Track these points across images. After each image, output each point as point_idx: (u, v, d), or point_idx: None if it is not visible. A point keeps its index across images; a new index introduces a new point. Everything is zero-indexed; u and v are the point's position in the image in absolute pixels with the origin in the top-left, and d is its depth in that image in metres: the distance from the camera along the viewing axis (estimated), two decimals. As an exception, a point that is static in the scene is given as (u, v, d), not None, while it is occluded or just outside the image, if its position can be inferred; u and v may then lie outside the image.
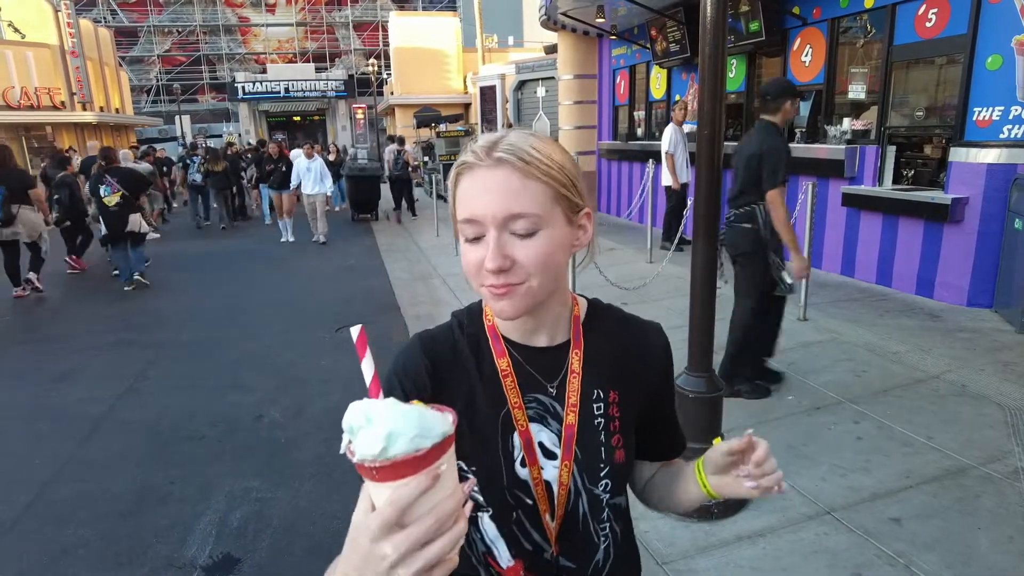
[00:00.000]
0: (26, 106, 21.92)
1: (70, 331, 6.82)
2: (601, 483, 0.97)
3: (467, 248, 0.89)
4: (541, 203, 0.86)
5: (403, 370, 0.98)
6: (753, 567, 2.54)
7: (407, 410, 0.61)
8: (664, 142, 7.75)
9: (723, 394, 2.94)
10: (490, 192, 0.86)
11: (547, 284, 0.89)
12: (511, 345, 0.99)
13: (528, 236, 0.86)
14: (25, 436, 4.23)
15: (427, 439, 0.60)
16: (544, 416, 0.97)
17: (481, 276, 0.88)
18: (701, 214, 2.75)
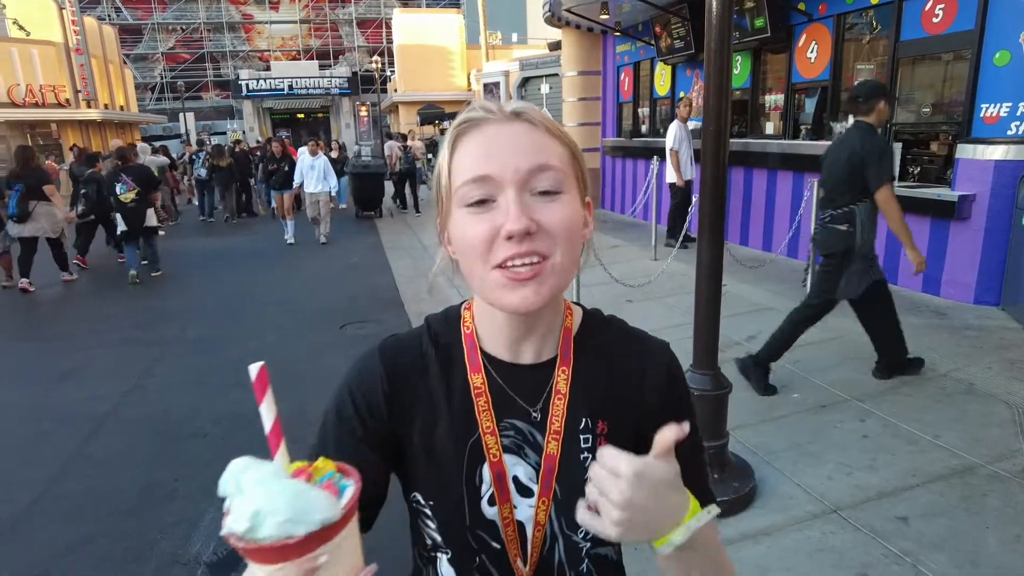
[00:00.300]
0: (31, 104, 21.97)
1: (74, 329, 6.84)
2: (581, 529, 0.82)
3: (470, 220, 0.73)
4: (564, 163, 0.75)
5: (356, 383, 0.84)
6: (759, 565, 2.53)
7: (282, 487, 0.53)
8: (669, 139, 7.72)
9: (728, 391, 2.92)
10: (509, 145, 0.72)
11: (568, 267, 0.75)
12: (488, 360, 0.83)
13: (552, 197, 0.73)
14: (30, 433, 4.24)
15: (300, 525, 0.51)
16: (521, 447, 0.82)
17: (494, 252, 0.71)
18: (706, 211, 2.73)
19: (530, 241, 0.70)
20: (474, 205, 0.72)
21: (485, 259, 0.72)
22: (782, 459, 3.24)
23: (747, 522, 2.79)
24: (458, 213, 0.74)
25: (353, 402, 0.82)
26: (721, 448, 2.93)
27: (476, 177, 0.72)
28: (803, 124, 7.02)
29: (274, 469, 0.56)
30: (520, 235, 0.69)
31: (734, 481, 2.91)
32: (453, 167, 0.74)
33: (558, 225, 0.72)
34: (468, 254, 0.74)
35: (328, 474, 0.60)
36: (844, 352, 4.50)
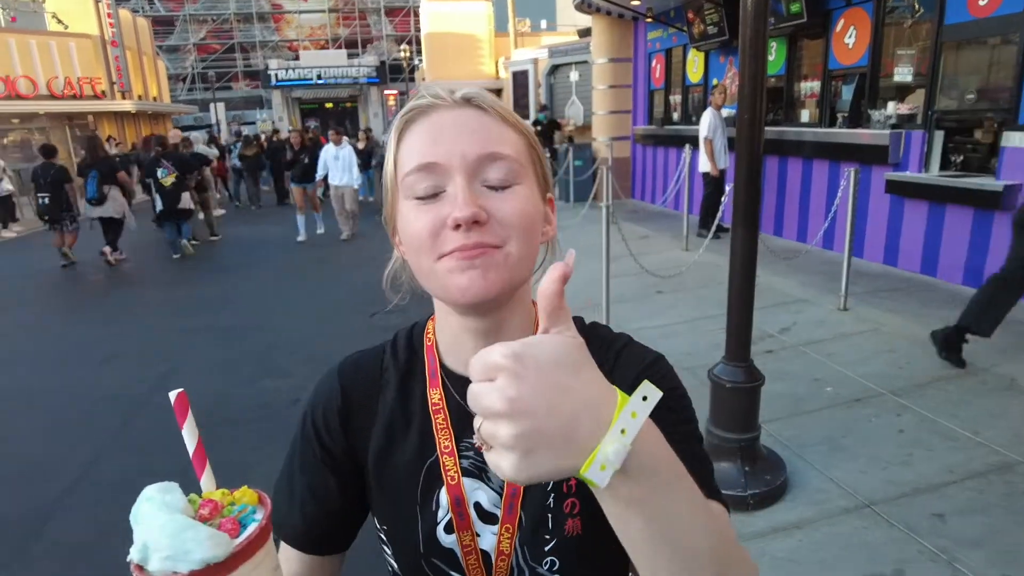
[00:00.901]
0: (69, 95, 22.47)
1: (114, 312, 7.02)
2: (545, 561, 0.73)
3: (415, 212, 0.67)
4: (519, 152, 0.69)
5: (315, 402, 0.82)
6: (790, 559, 2.50)
7: (165, 523, 0.51)
8: (703, 127, 7.60)
9: (761, 384, 2.89)
10: (457, 130, 0.67)
11: (525, 260, 0.68)
12: (448, 374, 0.77)
13: (504, 188, 0.66)
14: (71, 417, 4.37)
15: (181, 563, 0.50)
16: (483, 469, 0.75)
17: (440, 242, 0.65)
18: (741, 200, 2.69)
19: (479, 232, 0.64)
20: (422, 198, 0.67)
21: (430, 251, 0.66)
22: (814, 453, 3.19)
23: (779, 515, 2.76)
24: (405, 206, 0.69)
25: (313, 423, 0.80)
26: (753, 441, 2.90)
27: (421, 165, 0.66)
28: (840, 112, 6.86)
29: (169, 501, 0.54)
30: (468, 223, 0.63)
31: (766, 474, 2.88)
32: (399, 157, 0.69)
33: (512, 215, 0.66)
34: (414, 248, 0.68)
35: (241, 506, 0.57)
36: (879, 345, 4.41)
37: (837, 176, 6.63)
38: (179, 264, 9.32)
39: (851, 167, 5.15)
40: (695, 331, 4.90)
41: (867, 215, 6.39)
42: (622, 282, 5.73)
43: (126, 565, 0.55)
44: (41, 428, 4.21)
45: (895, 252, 6.23)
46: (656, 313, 5.35)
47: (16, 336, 6.49)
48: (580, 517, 0.73)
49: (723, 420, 2.88)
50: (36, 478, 3.53)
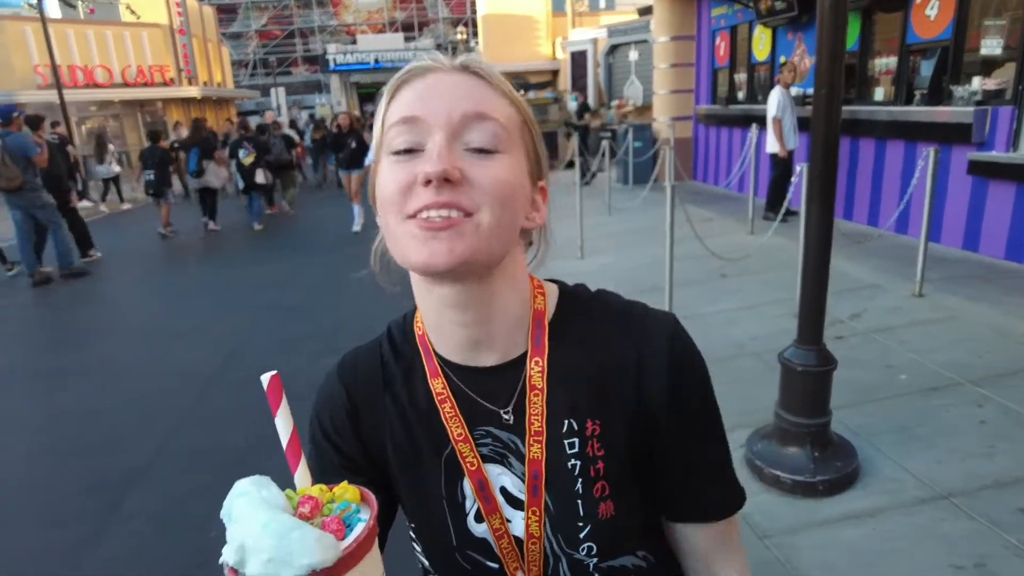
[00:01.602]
0: (140, 83, 23.43)
1: (187, 289, 7.35)
2: (583, 547, 0.71)
3: (391, 168, 0.64)
4: (510, 125, 0.66)
5: (321, 407, 0.79)
6: (861, 548, 2.44)
7: (268, 522, 0.47)
8: (771, 106, 7.35)
9: (833, 368, 2.81)
10: (447, 91, 0.64)
11: (498, 232, 0.63)
12: (444, 362, 0.74)
13: (487, 154, 0.63)
14: (150, 390, 4.61)
15: (285, 568, 0.46)
16: (504, 455, 0.72)
17: (409, 202, 0.62)
18: (817, 178, 2.60)
19: (451, 190, 0.60)
20: (400, 153, 0.63)
21: (399, 209, 0.62)
22: (886, 441, 3.09)
23: (849, 503, 2.69)
24: (384, 164, 0.65)
25: (322, 428, 0.77)
26: (823, 426, 2.83)
27: (404, 118, 0.63)
28: (918, 89, 6.52)
29: (268, 497, 0.49)
30: (439, 179, 0.59)
31: (836, 460, 2.81)
32: (387, 116, 0.66)
33: (488, 182, 0.62)
34: (384, 206, 0.64)
35: (343, 504, 0.53)
36: (958, 333, 4.21)
37: (913, 157, 6.32)
38: (254, 239, 10.13)
39: (930, 147, 4.90)
40: (761, 316, 4.79)
41: (946, 197, 6.08)
42: (684, 265, 5.62)
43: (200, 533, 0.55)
44: (124, 401, 4.46)
45: (976, 236, 5.91)
46: (720, 297, 5.25)
47: (104, 310, 6.87)
48: (612, 499, 0.71)
49: (793, 404, 2.82)
50: (119, 449, 3.75)
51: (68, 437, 3.96)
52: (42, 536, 2.98)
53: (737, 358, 4.12)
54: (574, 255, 6.97)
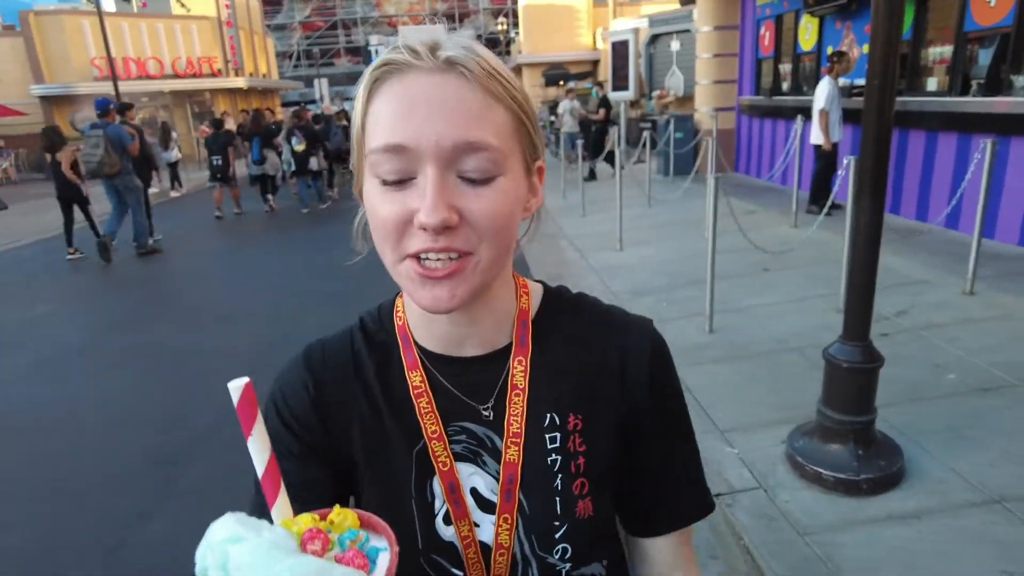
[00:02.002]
0: (189, 74, 24.04)
1: (239, 274, 7.55)
2: (556, 549, 0.68)
3: (380, 196, 0.60)
4: (503, 136, 0.60)
5: (282, 397, 0.73)
6: (906, 548, 2.40)
7: (293, 566, 0.39)
8: (820, 97, 7.15)
9: (879, 365, 2.75)
10: (435, 107, 0.57)
11: (498, 261, 0.62)
12: (426, 355, 0.72)
13: (483, 183, 0.59)
14: (199, 372, 4.76)
15: None
16: (478, 452, 0.70)
17: (405, 242, 0.59)
18: (867, 171, 2.54)
19: (448, 236, 0.58)
20: (388, 182, 0.59)
21: (394, 247, 0.60)
22: (934, 441, 3.01)
23: (894, 503, 2.64)
24: (369, 181, 0.61)
25: (280, 416, 0.72)
26: (868, 424, 2.77)
27: (388, 146, 0.57)
28: (975, 79, 6.28)
29: (275, 540, 0.41)
30: (434, 229, 0.57)
31: (880, 459, 2.75)
32: (367, 122, 0.61)
33: (486, 219, 0.59)
34: (377, 234, 0.61)
35: (350, 534, 0.46)
36: (1013, 332, 4.07)
37: (967, 149, 6.10)
38: (304, 224, 10.61)
39: (986, 139, 4.73)
40: (804, 311, 4.70)
41: (1002, 191, 5.86)
42: (726, 258, 5.55)
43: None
44: (179, 380, 4.62)
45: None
46: (762, 291, 5.17)
47: (162, 290, 7.12)
48: (591, 497, 0.70)
49: (837, 401, 2.77)
50: (173, 427, 3.89)
51: (128, 413, 4.12)
52: (103, 505, 3.13)
53: (779, 353, 4.06)
54: (612, 247, 6.93)
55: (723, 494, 2.80)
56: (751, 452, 3.06)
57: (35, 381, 4.79)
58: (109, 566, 2.69)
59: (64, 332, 5.93)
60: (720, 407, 3.49)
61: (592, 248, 7.13)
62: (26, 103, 21.06)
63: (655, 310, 5.03)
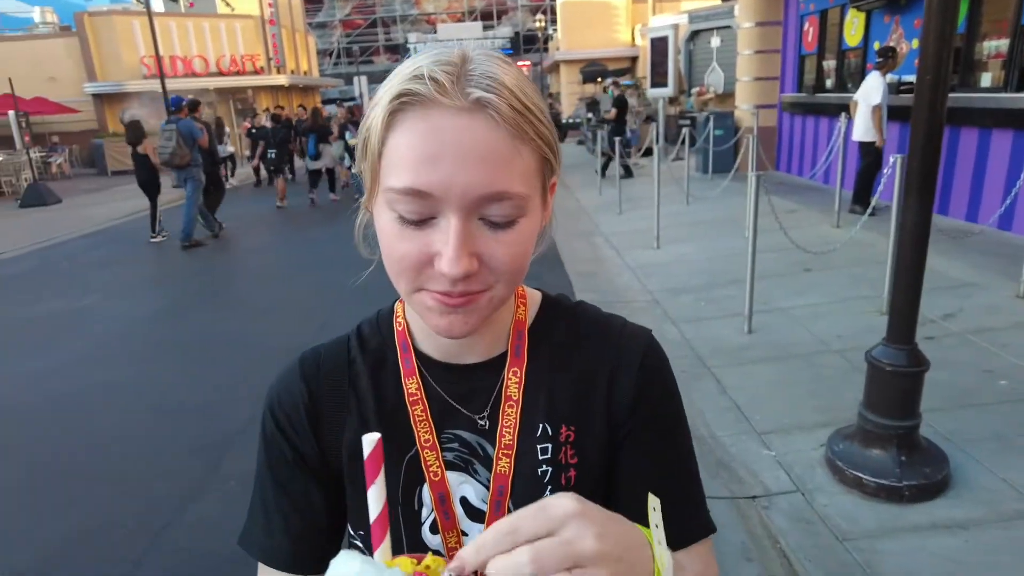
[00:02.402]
0: (233, 72, 24.58)
1: (286, 263, 7.70)
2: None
3: (399, 231, 0.58)
4: (529, 178, 0.59)
5: (277, 403, 0.74)
6: (951, 558, 2.33)
7: None
8: (873, 93, 6.88)
9: (925, 369, 2.67)
10: (463, 155, 0.55)
11: (511, 293, 0.64)
12: (424, 362, 0.72)
13: (505, 227, 0.58)
14: (239, 364, 4.87)
15: None
16: (469, 461, 0.70)
17: (422, 278, 0.59)
18: (916, 169, 2.47)
19: (466, 283, 0.58)
20: (408, 221, 0.58)
21: (410, 279, 0.60)
22: (982, 449, 2.92)
23: (940, 511, 2.57)
24: (385, 213, 0.59)
25: (276, 423, 0.73)
26: (912, 429, 2.70)
27: (410, 191, 0.55)
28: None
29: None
30: (460, 279, 0.57)
31: (925, 466, 2.68)
32: (385, 151, 0.58)
33: (505, 263, 0.59)
34: (390, 263, 0.61)
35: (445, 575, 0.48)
36: (1069, 338, 3.92)
37: (1023, 147, 5.88)
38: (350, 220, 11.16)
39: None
40: (846, 312, 4.59)
41: (1060, 191, 5.63)
42: (766, 257, 5.46)
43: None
44: (224, 368, 4.75)
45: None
46: (803, 291, 5.07)
47: (205, 286, 7.31)
48: None
49: (880, 405, 2.71)
50: (214, 417, 3.99)
51: (172, 400, 4.25)
52: (150, 489, 3.23)
53: (819, 355, 3.98)
54: (649, 245, 6.87)
55: (759, 496, 2.76)
56: (789, 455, 3.01)
57: (87, 367, 4.97)
58: (156, 547, 2.79)
59: (113, 320, 6.14)
60: (757, 409, 3.43)
61: (628, 246, 7.08)
62: (80, 101, 21.81)
63: (693, 309, 4.98)
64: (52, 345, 5.53)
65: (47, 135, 20.96)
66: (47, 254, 9.50)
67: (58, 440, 3.86)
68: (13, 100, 15.09)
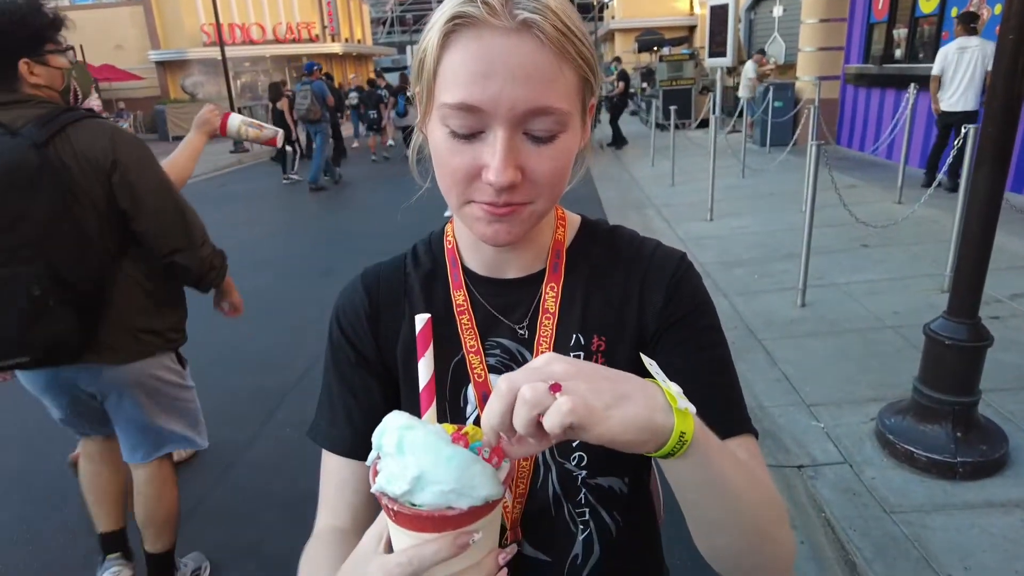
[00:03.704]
0: (289, 40, 24.91)
1: (338, 229, 7.88)
2: (573, 456, 0.75)
3: (448, 145, 0.64)
4: (571, 96, 0.64)
5: (341, 312, 0.83)
6: (1006, 537, 2.28)
7: (451, 454, 0.49)
8: (979, 58, 6.48)
9: (987, 345, 2.59)
10: (511, 72, 0.60)
11: (550, 207, 0.69)
12: (470, 276, 0.79)
13: (547, 141, 0.63)
14: (294, 320, 5.04)
15: (464, 498, 0.48)
16: (509, 366, 0.76)
17: (471, 190, 0.65)
18: (991, 137, 2.37)
19: (510, 193, 0.63)
20: (458, 135, 0.63)
21: (460, 191, 0.66)
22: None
23: (995, 490, 2.51)
24: (439, 129, 0.65)
25: (341, 329, 0.81)
26: (970, 406, 2.63)
27: (463, 105, 0.61)
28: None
29: (436, 431, 0.51)
30: (504, 187, 0.62)
31: (981, 444, 2.61)
32: (440, 70, 0.63)
33: (546, 176, 0.64)
34: (444, 179, 0.67)
35: (478, 443, 0.53)
36: None
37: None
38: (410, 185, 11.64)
39: None
40: (905, 289, 4.46)
41: None
42: (823, 232, 5.31)
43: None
44: (277, 328, 4.92)
45: None
46: (860, 267, 4.93)
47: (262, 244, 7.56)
48: None
49: (936, 380, 2.64)
50: (273, 370, 4.16)
51: (233, 353, 4.43)
52: (216, 432, 3.38)
53: (874, 331, 3.88)
54: (703, 217, 6.76)
55: (805, 466, 2.74)
56: (838, 427, 2.98)
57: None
58: (221, 484, 2.99)
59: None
60: (808, 382, 3.39)
61: (680, 218, 6.98)
62: (144, 68, 22.50)
63: (745, 282, 4.90)
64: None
65: (114, 101, 21.73)
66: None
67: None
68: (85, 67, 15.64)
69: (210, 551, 2.48)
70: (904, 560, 2.22)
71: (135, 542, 2.25)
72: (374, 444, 0.52)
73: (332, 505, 0.78)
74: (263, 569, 2.44)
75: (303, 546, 0.76)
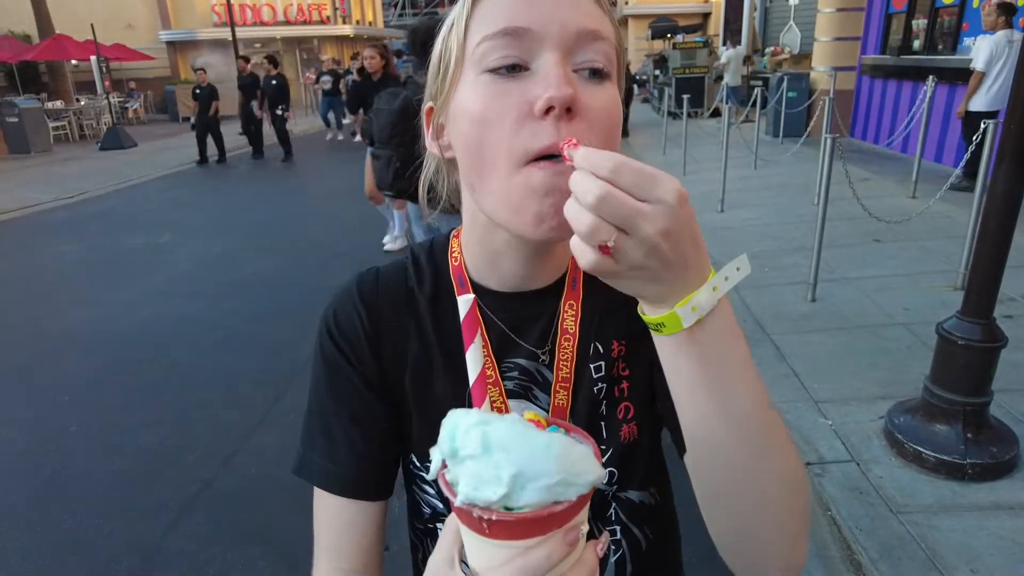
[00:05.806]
0: (300, 21, 24.77)
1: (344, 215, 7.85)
2: None
3: (491, 89, 0.54)
4: (613, 41, 0.58)
5: (337, 328, 0.71)
6: (1016, 540, 2.26)
7: (547, 441, 0.42)
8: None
9: (1001, 346, 2.55)
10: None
11: None
12: (481, 294, 0.69)
13: (598, 79, 0.55)
14: (300, 307, 5.02)
15: (572, 488, 0.41)
16: (529, 388, 0.70)
17: (523, 138, 0.53)
18: (1013, 132, 2.32)
19: (568, 123, 0.52)
20: (499, 72, 0.53)
21: (510, 146, 0.53)
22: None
23: (1004, 492, 2.48)
24: (471, 86, 0.55)
25: (336, 347, 0.70)
26: (982, 407, 2.60)
27: (507, 29, 0.53)
28: None
29: (519, 420, 0.44)
30: (562, 107, 0.51)
31: (992, 445, 2.58)
32: (471, 23, 0.55)
33: (603, 113, 0.55)
34: (485, 136, 0.54)
35: (553, 428, 0.48)
36: None
37: None
38: None
39: None
40: (917, 285, 4.41)
41: None
42: (835, 226, 5.25)
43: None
44: (282, 313, 4.93)
45: None
46: (871, 262, 4.87)
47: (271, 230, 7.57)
48: (635, 421, 0.69)
49: (947, 380, 2.61)
50: (275, 356, 4.18)
51: (239, 337, 4.45)
52: (218, 418, 3.45)
53: (884, 327, 3.84)
54: (713, 208, 6.70)
55: (812, 464, 2.73)
56: (846, 425, 2.95)
57: (164, 301, 5.25)
58: (226, 469, 2.99)
59: (181, 261, 6.42)
60: (816, 377, 3.36)
61: (698, 205, 6.91)
62: (154, 48, 22.45)
63: (755, 275, 4.86)
64: (140, 276, 5.85)
65: (124, 81, 21.72)
66: (131, 194, 10.01)
67: (139, 369, 4.12)
68: (95, 46, 15.60)
69: (215, 535, 2.50)
70: (910, 560, 2.21)
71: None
72: (440, 451, 0.44)
73: (338, 548, 0.70)
74: (268, 553, 2.46)
75: (308, 530, 0.70)
